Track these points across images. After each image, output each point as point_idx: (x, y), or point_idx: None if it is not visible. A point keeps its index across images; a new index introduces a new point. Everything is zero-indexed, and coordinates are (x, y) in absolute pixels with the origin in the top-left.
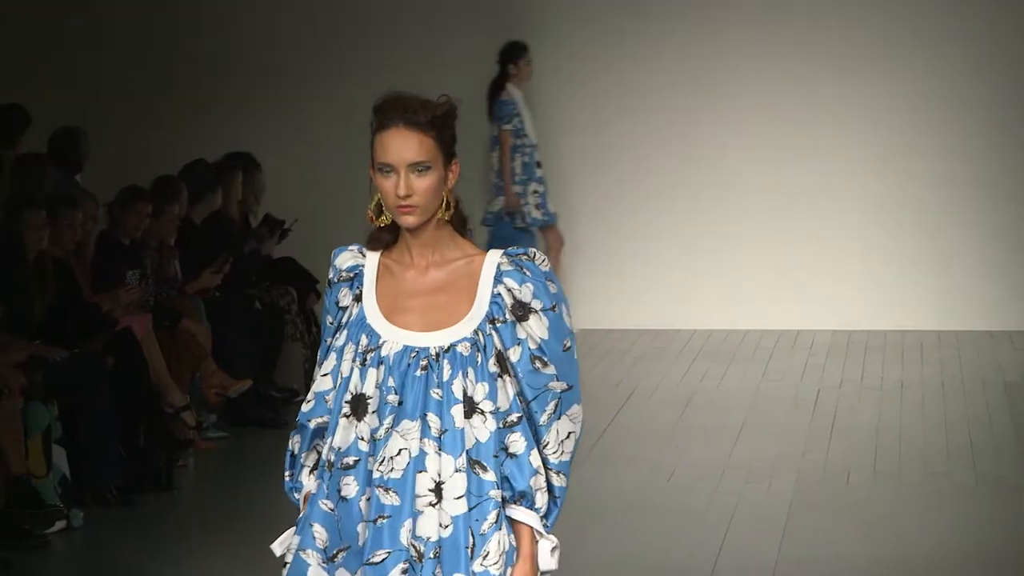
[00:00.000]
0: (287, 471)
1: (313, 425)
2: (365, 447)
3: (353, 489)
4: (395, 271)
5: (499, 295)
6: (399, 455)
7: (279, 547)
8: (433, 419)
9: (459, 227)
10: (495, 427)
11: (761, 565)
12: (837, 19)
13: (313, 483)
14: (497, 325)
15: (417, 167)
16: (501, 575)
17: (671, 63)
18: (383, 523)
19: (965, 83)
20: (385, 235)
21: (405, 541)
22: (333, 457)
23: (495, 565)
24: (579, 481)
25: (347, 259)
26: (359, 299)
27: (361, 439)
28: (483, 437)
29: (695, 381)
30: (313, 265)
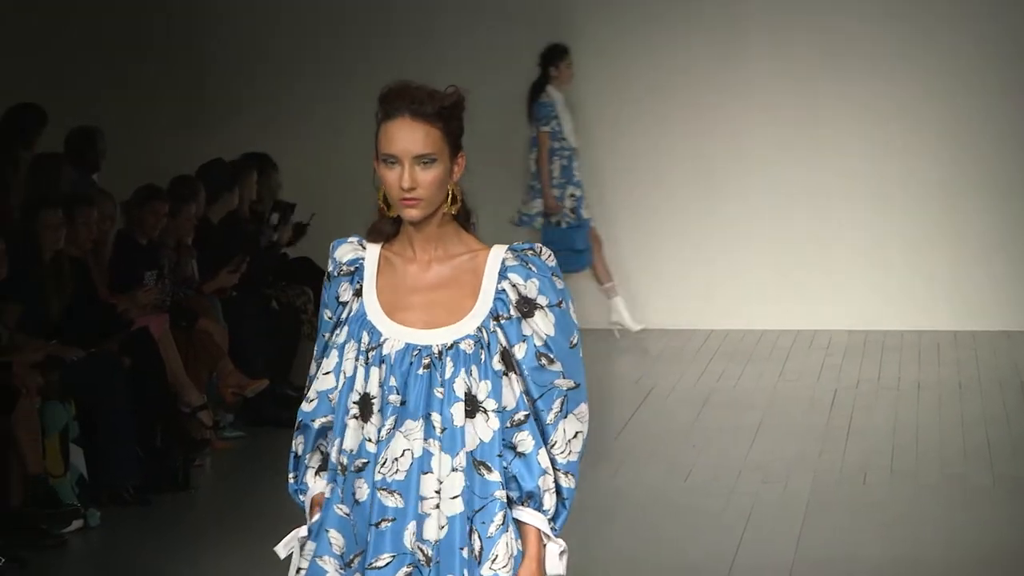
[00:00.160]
0: (290, 473)
1: (317, 425)
2: (373, 448)
3: (365, 492)
4: (396, 265)
5: (503, 291)
6: (403, 456)
7: (283, 549)
8: (437, 419)
9: (463, 221)
10: (499, 426)
11: (778, 565)
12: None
13: (320, 484)
14: (502, 322)
15: (422, 159)
16: None
17: (688, 64)
18: (386, 526)
19: (990, 79)
20: (386, 227)
21: (409, 544)
22: (346, 460)
23: (504, 568)
24: (597, 479)
25: (347, 252)
26: (359, 293)
27: (368, 440)
28: (486, 436)
29: (712, 381)
30: None
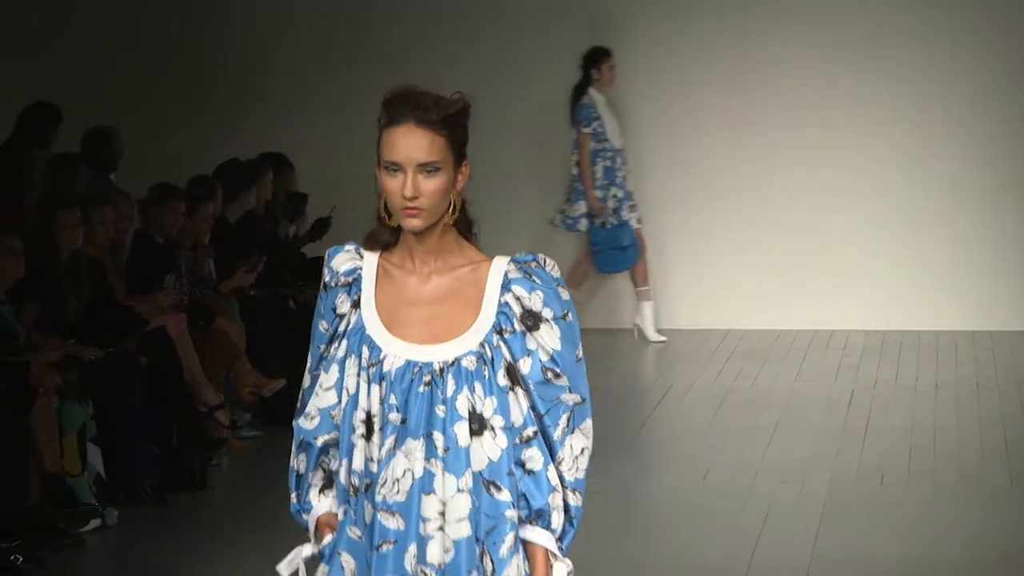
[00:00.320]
0: (292, 492)
1: (320, 443)
2: (375, 468)
3: (370, 513)
4: (395, 276)
5: (507, 304)
6: (404, 476)
7: (286, 568)
8: (439, 437)
9: (465, 231)
10: (507, 443)
11: (795, 565)
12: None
13: (325, 503)
14: (506, 336)
15: (426, 168)
16: None
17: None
18: (387, 549)
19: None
20: (385, 235)
21: (410, 568)
22: (356, 481)
23: None
24: (614, 479)
25: (344, 261)
26: (357, 305)
27: (370, 460)
28: (495, 455)
29: (729, 381)
30: None
